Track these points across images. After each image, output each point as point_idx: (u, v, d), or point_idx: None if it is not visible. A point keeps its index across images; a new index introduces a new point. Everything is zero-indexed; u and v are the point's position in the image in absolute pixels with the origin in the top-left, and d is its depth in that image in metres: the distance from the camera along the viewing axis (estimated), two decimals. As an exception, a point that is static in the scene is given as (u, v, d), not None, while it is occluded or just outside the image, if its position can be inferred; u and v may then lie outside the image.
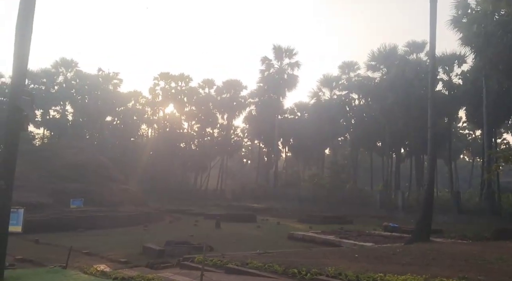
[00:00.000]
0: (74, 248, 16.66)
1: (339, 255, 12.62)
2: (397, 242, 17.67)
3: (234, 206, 41.22)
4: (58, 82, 49.56)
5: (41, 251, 16.63)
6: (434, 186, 42.67)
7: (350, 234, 21.25)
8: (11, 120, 8.41)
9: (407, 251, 12.55)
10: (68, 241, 18.76)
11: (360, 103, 45.99)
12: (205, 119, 52.58)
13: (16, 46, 8.34)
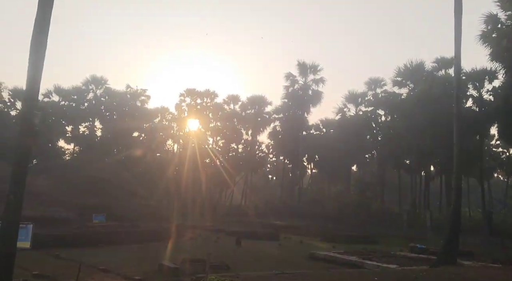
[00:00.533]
0: (91, 264, 16.74)
1: (357, 277, 12.08)
2: (422, 264, 16.85)
3: (257, 223, 40.66)
4: (88, 99, 50.95)
5: (60, 266, 16.68)
6: (466, 206, 41.36)
7: (374, 255, 20.47)
8: (23, 134, 8.50)
9: (430, 275, 11.89)
10: (88, 257, 18.87)
11: (387, 119, 45.06)
12: (229, 135, 52.71)
13: (30, 61, 8.46)
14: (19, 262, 16.46)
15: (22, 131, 8.47)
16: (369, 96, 47.59)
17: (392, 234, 32.87)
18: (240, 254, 21.19)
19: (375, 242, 29.87)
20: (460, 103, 19.85)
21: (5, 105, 46.87)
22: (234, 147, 55.54)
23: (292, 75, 47.72)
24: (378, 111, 46.44)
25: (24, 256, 18.37)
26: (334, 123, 50.88)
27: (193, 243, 27.12)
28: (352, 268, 17.19)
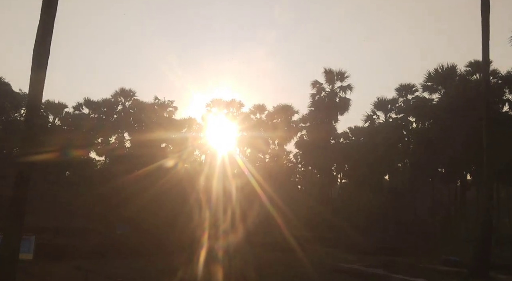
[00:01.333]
0: (108, 276, 16.66)
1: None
2: (453, 278, 15.87)
3: (284, 233, 39.90)
4: (117, 111, 51.92)
5: (78, 278, 16.68)
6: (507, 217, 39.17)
7: (401, 268, 19.47)
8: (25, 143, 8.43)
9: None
10: (109, 268, 18.86)
11: (418, 126, 43.53)
12: (256, 145, 52.35)
13: (33, 71, 8.43)
14: (38, 273, 16.64)
15: (24, 140, 8.42)
16: (399, 103, 46.21)
17: (424, 246, 31.49)
18: (260, 266, 20.68)
19: (406, 254, 28.65)
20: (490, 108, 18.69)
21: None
22: (261, 157, 55.13)
23: (318, 83, 46.94)
24: (409, 118, 44.93)
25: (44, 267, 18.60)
26: (363, 131, 49.65)
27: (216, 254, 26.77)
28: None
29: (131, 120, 51.59)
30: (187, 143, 54.65)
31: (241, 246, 31.21)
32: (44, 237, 22.10)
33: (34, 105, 8.38)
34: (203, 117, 54.56)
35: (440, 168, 41.84)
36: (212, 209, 47.26)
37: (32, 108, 8.32)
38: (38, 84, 8.34)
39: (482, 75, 18.44)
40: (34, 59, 8.33)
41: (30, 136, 8.10)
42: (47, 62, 8.45)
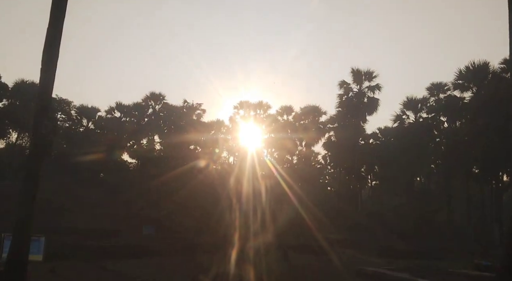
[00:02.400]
0: (132, 276, 16.99)
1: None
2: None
3: (312, 236, 39.54)
4: (148, 115, 53.10)
5: (103, 278, 17.11)
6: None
7: (429, 273, 18.86)
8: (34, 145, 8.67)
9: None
10: (134, 268, 19.25)
11: (450, 126, 42.12)
12: (284, 146, 52.17)
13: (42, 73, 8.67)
14: (64, 273, 17.16)
15: (33, 142, 8.67)
16: (430, 102, 44.90)
17: (458, 250, 30.39)
18: (284, 268, 20.58)
19: (438, 258, 27.79)
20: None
21: (73, 122, 50.13)
22: (289, 158, 54.86)
23: (346, 83, 46.22)
24: (440, 117, 43.54)
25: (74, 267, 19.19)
26: (393, 131, 48.54)
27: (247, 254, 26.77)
28: (401, 287, 15.93)
29: (161, 123, 52.64)
30: (215, 145, 55.18)
31: (271, 247, 31.16)
32: (74, 238, 22.82)
33: (43, 106, 8.63)
34: (231, 119, 55.01)
35: (475, 169, 40.30)
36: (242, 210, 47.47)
37: (41, 109, 8.57)
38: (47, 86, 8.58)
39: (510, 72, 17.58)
40: (43, 61, 8.60)
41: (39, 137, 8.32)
42: (56, 64, 8.70)
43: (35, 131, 8.47)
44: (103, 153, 44.88)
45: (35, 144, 8.51)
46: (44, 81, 8.59)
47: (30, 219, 8.09)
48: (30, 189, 8.18)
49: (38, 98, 8.70)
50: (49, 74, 8.58)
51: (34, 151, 8.47)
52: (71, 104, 50.02)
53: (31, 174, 8.29)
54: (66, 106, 49.22)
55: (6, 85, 42.62)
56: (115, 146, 48.21)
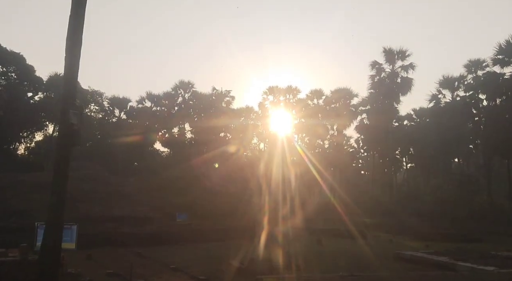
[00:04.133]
0: (165, 263, 17.11)
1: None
2: (527, 267, 14.34)
3: (346, 220, 38.98)
4: (178, 103, 53.44)
5: (137, 265, 17.26)
6: None
7: (470, 256, 18.03)
8: (61, 133, 8.62)
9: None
10: (166, 255, 19.44)
11: (489, 103, 40.18)
12: (315, 131, 51.42)
13: (66, 61, 8.54)
14: (101, 260, 17.48)
15: (61, 131, 8.62)
16: (468, 80, 42.97)
17: (499, 232, 29.19)
18: (319, 253, 20.27)
19: (478, 240, 26.77)
20: None
21: (106, 113, 51.15)
22: (321, 143, 54.13)
23: (377, 63, 44.78)
24: (478, 95, 41.61)
25: (110, 254, 19.56)
26: (428, 112, 46.91)
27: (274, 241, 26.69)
28: (441, 270, 15.28)
29: (191, 111, 52.88)
30: (245, 132, 55.05)
31: (300, 232, 30.92)
32: (109, 226, 23.27)
33: (68, 94, 8.52)
34: (260, 105, 54.54)
35: (517, 148, 38.36)
36: (272, 195, 47.38)
37: (67, 98, 8.46)
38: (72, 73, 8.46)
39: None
40: (67, 48, 8.46)
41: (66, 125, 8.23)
42: (79, 51, 8.56)
43: (62, 120, 8.40)
44: (135, 142, 45.69)
45: (62, 132, 8.45)
46: (68, 69, 8.48)
47: (61, 207, 8.06)
48: (60, 177, 8.13)
49: (63, 86, 8.62)
50: (73, 62, 8.45)
51: (62, 139, 8.41)
52: (103, 95, 51.04)
53: (60, 163, 8.25)
54: (99, 97, 50.25)
55: (41, 79, 43.73)
56: (147, 135, 48.95)
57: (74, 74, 8.48)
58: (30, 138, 45.85)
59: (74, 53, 8.47)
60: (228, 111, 53.44)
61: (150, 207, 26.84)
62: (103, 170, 33.72)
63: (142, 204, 26.77)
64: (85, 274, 13.34)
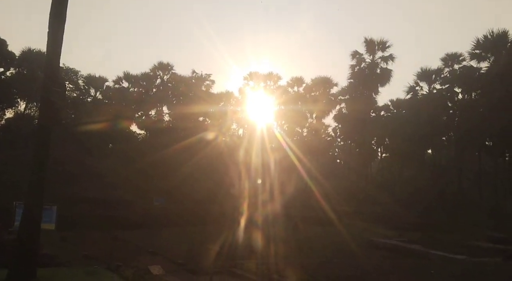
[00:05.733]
0: (142, 246, 16.96)
1: (412, 270, 10.77)
2: (497, 256, 14.89)
3: (322, 208, 39.52)
4: (156, 85, 52.47)
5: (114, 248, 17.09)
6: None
7: (441, 244, 18.62)
8: (43, 113, 8.32)
9: (500, 270, 10.23)
10: (144, 238, 19.28)
11: (464, 97, 41.13)
12: (294, 118, 51.54)
13: (49, 40, 8.21)
14: (76, 242, 17.18)
15: (42, 110, 8.31)
16: (445, 73, 43.75)
17: (469, 222, 30.17)
18: (295, 240, 20.47)
19: (449, 230, 27.59)
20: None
21: (81, 92, 49.78)
22: (299, 131, 54.35)
23: (358, 53, 45.01)
24: (454, 89, 42.46)
25: (86, 236, 19.25)
26: (405, 103, 47.66)
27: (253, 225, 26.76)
28: (414, 258, 15.71)
29: (170, 94, 52.06)
30: (225, 117, 54.71)
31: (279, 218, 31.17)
32: (85, 208, 22.85)
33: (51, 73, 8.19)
34: (240, 90, 54.22)
35: (488, 141, 39.55)
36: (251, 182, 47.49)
37: (49, 75, 8.13)
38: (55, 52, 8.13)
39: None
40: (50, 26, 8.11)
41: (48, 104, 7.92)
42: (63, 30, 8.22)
43: (44, 98, 8.09)
44: (111, 123, 44.71)
45: (44, 111, 8.15)
46: (51, 47, 8.16)
47: (41, 188, 7.82)
48: (41, 157, 7.87)
49: (46, 64, 8.28)
50: (56, 40, 8.13)
51: (44, 118, 8.12)
52: (78, 73, 49.46)
53: (42, 142, 7.98)
54: (74, 76, 48.66)
55: (13, 54, 41.99)
56: (124, 117, 47.94)
57: (57, 52, 8.16)
58: (0, 115, 44.23)
59: (57, 29, 8.14)
60: (207, 95, 52.83)
61: (126, 190, 26.47)
62: (77, 151, 32.98)
63: (118, 186, 26.37)
64: (60, 255, 13.10)
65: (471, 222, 30.16)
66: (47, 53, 8.24)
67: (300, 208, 39.56)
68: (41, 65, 34.46)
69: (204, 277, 9.63)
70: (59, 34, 8.23)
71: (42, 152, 7.93)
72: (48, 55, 8.18)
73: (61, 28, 8.24)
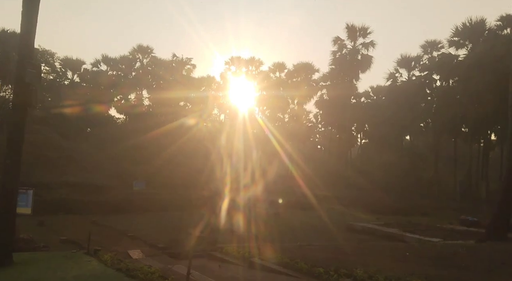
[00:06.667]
0: (122, 231, 16.86)
1: (389, 252, 11.03)
2: (470, 238, 15.40)
3: (303, 193, 39.97)
4: (135, 68, 51.60)
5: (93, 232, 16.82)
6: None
7: (417, 228, 19.14)
8: (18, 95, 8.08)
9: (473, 251, 10.57)
10: (123, 223, 19.14)
11: (442, 84, 41.81)
12: (276, 104, 51.52)
13: (23, 19, 7.94)
14: (54, 227, 16.97)
15: (16, 91, 8.07)
16: (424, 60, 44.30)
17: (444, 206, 31.03)
18: (277, 224, 20.68)
19: (425, 214, 28.38)
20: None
21: (58, 75, 48.57)
22: (281, 116, 54.43)
23: (340, 39, 45.07)
24: (433, 76, 43.12)
25: (64, 221, 19.02)
26: (385, 90, 48.20)
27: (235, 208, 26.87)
28: (390, 241, 16.10)
29: (149, 78, 51.28)
30: (206, 102, 54.30)
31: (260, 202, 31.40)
32: (63, 192, 22.54)
33: (26, 52, 7.95)
34: (222, 75, 53.72)
35: (464, 128, 40.45)
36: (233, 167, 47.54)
37: (24, 55, 7.89)
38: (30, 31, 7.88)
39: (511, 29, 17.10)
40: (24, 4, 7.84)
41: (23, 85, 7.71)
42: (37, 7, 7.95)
43: (18, 79, 7.85)
44: (89, 107, 43.87)
45: (18, 93, 7.92)
46: (25, 26, 7.89)
47: (17, 171, 7.64)
48: (16, 140, 7.68)
49: (20, 45, 8.01)
50: (30, 19, 7.86)
51: (18, 100, 7.90)
52: (55, 55, 48.13)
53: (16, 124, 7.78)
54: (50, 58, 47.28)
55: (-14, 35, 40.57)
56: (102, 100, 47.07)
57: (32, 30, 7.90)
58: (-26, 98, 42.91)
59: (31, 7, 7.88)
60: (188, 79, 52.25)
61: (105, 174, 26.15)
62: (54, 134, 32.33)
63: (97, 171, 26.04)
64: (38, 240, 12.94)
65: (446, 206, 30.99)
66: (21, 33, 7.98)
67: (281, 192, 39.87)
68: (15, 46, 33.27)
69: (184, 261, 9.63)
70: (33, 13, 7.97)
71: (17, 135, 7.74)
72: (22, 35, 7.92)
73: (35, 7, 7.97)
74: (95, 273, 7.47)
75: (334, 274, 7.46)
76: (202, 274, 7.63)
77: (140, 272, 7.23)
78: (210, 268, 8.57)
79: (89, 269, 7.84)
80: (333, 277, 7.38)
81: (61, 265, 8.07)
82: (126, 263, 8.34)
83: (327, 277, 7.50)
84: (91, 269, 7.80)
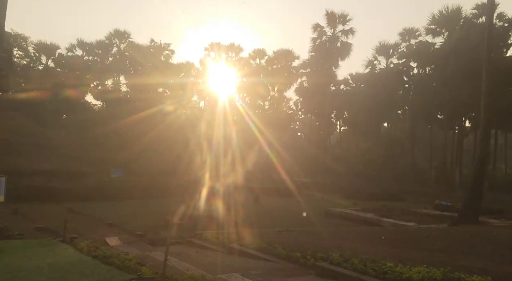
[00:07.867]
0: (100, 218, 16.69)
1: (364, 236, 11.27)
2: (443, 222, 15.87)
3: (283, 179, 40.25)
4: (112, 54, 50.55)
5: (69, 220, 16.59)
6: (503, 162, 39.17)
7: (393, 213, 19.60)
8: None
9: (445, 234, 10.90)
10: (100, 211, 18.93)
11: (420, 72, 42.42)
12: (256, 91, 51.36)
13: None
14: (29, 215, 16.66)
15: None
16: (402, 48, 44.77)
17: (419, 192, 31.77)
18: (256, 210, 20.80)
19: (401, 199, 28.99)
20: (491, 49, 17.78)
21: (31, 60, 47.21)
22: (261, 103, 54.37)
23: (320, 26, 45.08)
24: (410, 63, 43.68)
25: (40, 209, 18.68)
26: (364, 77, 48.62)
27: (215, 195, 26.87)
28: (366, 226, 16.43)
29: (127, 63, 50.36)
30: (185, 89, 53.70)
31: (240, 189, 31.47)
32: (38, 180, 22.10)
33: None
34: (201, 61, 53.16)
35: (440, 115, 41.29)
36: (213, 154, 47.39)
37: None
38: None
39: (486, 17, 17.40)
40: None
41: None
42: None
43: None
44: (65, 93, 42.88)
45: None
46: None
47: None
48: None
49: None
50: None
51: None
52: (28, 39, 46.70)
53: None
54: (23, 42, 45.85)
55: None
56: (78, 86, 46.05)
57: (2, 12, 7.62)
58: None
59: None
60: (167, 65, 51.54)
61: (82, 162, 25.74)
62: (28, 121, 31.57)
63: (74, 158, 25.60)
64: (12, 228, 12.71)
65: (422, 191, 31.74)
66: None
67: (261, 179, 40.12)
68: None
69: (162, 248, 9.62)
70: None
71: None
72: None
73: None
74: (71, 260, 7.39)
75: (311, 258, 7.58)
76: (180, 261, 7.63)
77: (117, 259, 7.18)
78: (188, 254, 8.58)
79: (65, 256, 7.76)
80: (310, 261, 7.51)
81: (37, 253, 7.96)
82: (103, 250, 8.27)
83: (304, 261, 7.63)
84: (67, 257, 7.71)
